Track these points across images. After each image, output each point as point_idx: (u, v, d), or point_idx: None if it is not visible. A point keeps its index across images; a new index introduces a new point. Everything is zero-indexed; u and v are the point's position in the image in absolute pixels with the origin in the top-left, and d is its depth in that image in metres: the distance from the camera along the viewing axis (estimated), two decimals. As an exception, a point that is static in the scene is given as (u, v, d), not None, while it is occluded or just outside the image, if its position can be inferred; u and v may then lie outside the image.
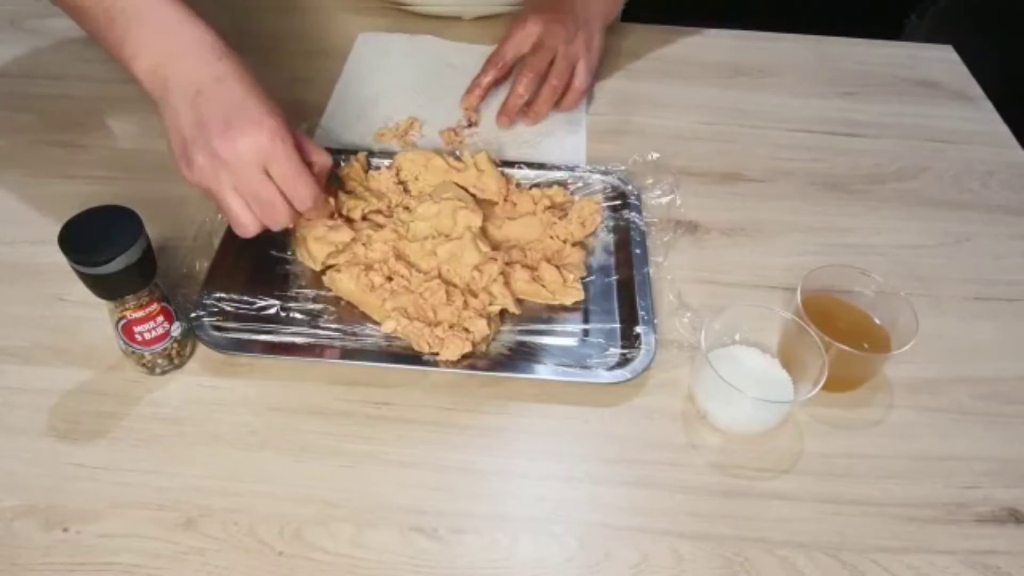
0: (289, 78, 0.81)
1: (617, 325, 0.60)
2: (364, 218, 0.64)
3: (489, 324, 0.57)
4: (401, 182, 0.68)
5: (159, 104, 0.53)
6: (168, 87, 0.52)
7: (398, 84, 0.82)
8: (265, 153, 0.51)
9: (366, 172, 0.68)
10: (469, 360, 0.56)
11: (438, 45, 0.87)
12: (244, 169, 0.51)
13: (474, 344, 0.56)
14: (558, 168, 0.71)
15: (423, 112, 0.79)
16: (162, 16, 0.53)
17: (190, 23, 0.53)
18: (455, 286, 0.59)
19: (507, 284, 0.59)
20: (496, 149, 0.74)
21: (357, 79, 0.82)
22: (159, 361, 0.54)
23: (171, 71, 0.52)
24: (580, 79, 0.76)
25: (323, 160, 0.57)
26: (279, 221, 0.54)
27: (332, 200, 0.61)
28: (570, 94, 0.76)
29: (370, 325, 0.58)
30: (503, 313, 0.59)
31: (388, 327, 0.56)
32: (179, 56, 0.53)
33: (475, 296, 0.58)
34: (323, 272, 0.61)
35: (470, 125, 0.78)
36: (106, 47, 0.55)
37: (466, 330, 0.56)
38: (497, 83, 0.78)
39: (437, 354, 0.55)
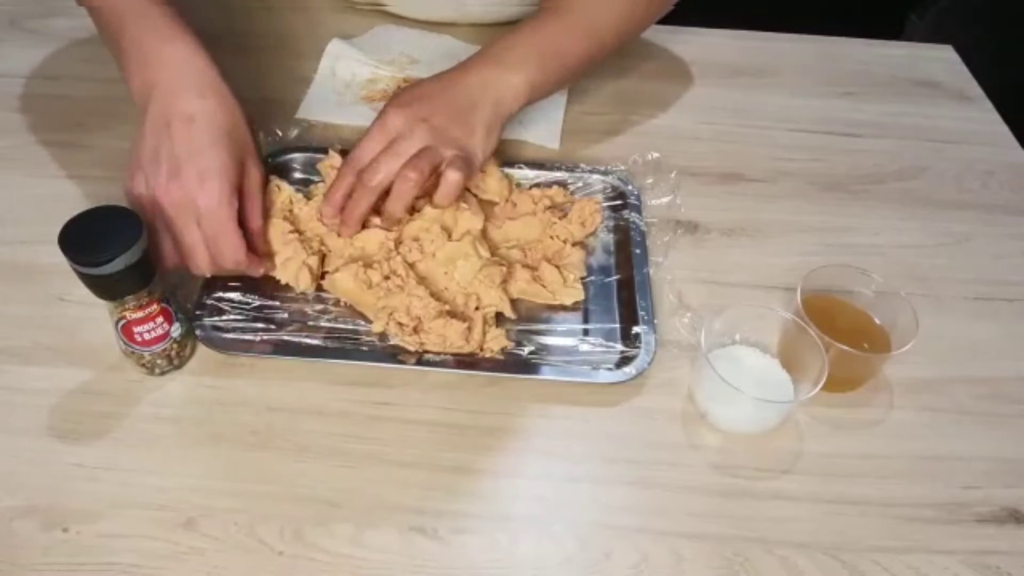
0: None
1: (617, 325, 0.60)
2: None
3: (484, 327, 0.57)
4: None
5: (139, 120, 0.55)
6: (147, 111, 0.55)
7: (383, 56, 0.81)
8: (198, 209, 0.53)
9: None
10: (469, 360, 0.56)
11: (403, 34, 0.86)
12: (176, 215, 0.53)
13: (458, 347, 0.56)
14: (558, 168, 0.71)
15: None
16: (157, 38, 0.56)
17: (184, 49, 0.56)
18: (451, 313, 0.57)
19: (504, 288, 0.59)
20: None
21: (333, 67, 0.81)
22: (159, 361, 0.54)
23: (154, 97, 0.55)
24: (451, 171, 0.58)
25: (256, 227, 0.58)
26: (198, 267, 0.55)
27: (267, 263, 0.59)
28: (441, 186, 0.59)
29: (370, 325, 0.58)
30: (500, 314, 0.59)
31: (377, 327, 0.56)
32: (164, 84, 0.55)
33: (464, 320, 0.56)
34: (322, 276, 0.60)
35: None
36: (114, 57, 0.58)
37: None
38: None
39: (423, 343, 0.55)
